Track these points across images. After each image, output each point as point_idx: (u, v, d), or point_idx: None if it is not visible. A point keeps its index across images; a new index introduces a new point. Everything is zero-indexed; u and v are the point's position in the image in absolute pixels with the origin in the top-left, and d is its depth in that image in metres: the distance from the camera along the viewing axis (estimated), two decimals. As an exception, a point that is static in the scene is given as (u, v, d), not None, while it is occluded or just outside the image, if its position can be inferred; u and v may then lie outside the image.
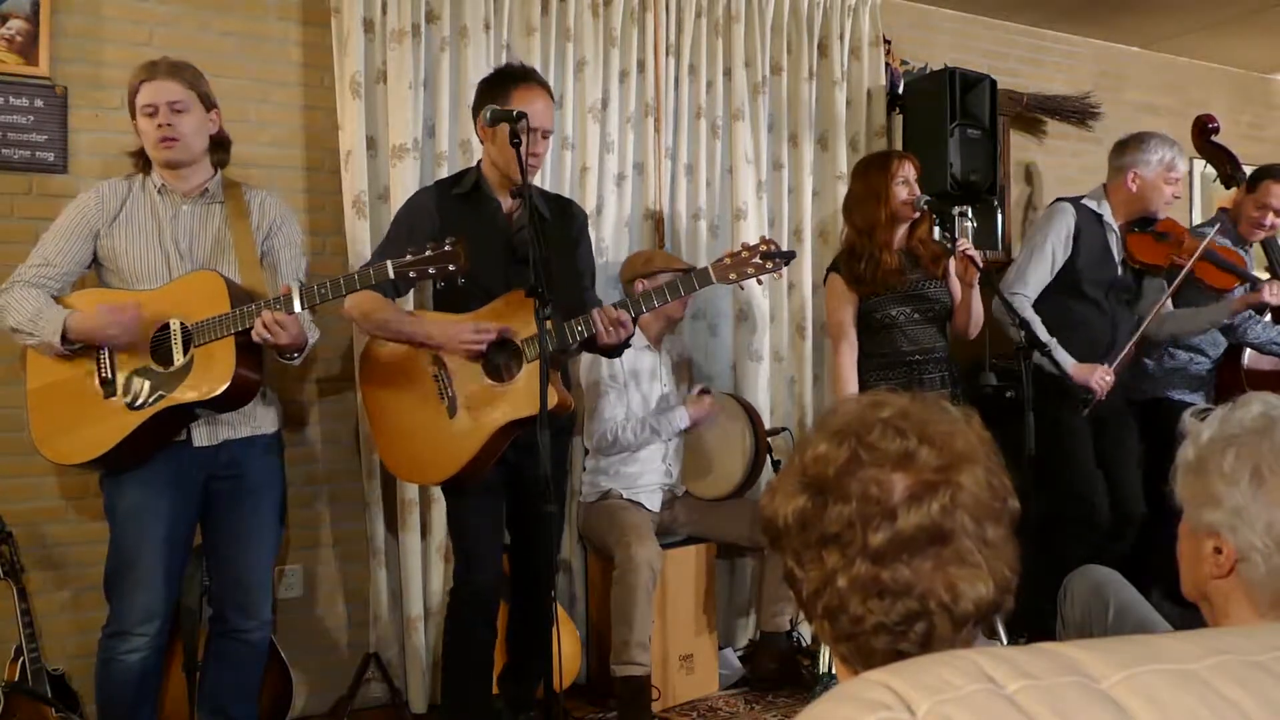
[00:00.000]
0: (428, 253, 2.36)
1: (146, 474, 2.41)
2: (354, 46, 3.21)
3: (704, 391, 3.47)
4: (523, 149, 2.43)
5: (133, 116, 2.48)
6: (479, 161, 2.82)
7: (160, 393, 2.37)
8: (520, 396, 2.56)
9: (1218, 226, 3.62)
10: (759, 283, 2.67)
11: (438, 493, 3.26)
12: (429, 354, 2.64)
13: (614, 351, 2.74)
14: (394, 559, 3.31)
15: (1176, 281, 3.41)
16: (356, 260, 3.19)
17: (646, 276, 3.35)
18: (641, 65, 3.72)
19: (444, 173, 3.27)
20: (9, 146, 2.92)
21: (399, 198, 3.20)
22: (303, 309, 2.36)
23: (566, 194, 3.41)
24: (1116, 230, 3.53)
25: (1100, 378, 3.31)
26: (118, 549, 2.44)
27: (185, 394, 2.37)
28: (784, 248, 3.91)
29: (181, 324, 2.39)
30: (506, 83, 2.68)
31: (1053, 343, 3.32)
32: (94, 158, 3.01)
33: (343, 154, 3.25)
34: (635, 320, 2.66)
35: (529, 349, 2.56)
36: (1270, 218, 3.66)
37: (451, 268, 2.36)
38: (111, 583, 2.46)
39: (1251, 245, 3.78)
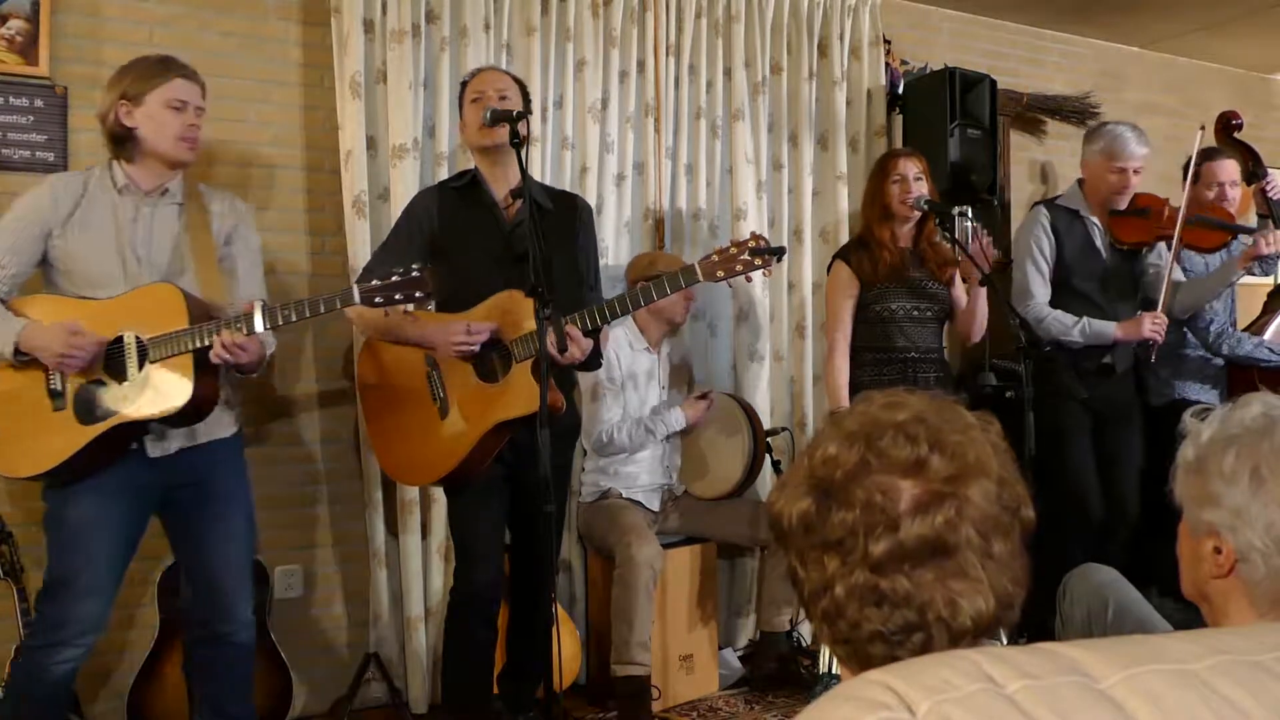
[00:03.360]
0: (395, 279, 2.33)
1: (96, 483, 2.32)
2: (354, 46, 3.21)
3: (703, 396, 3.46)
4: (523, 152, 2.45)
5: (132, 102, 2.37)
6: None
7: (113, 408, 2.29)
8: (511, 396, 2.55)
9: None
10: (748, 280, 2.61)
11: (438, 493, 3.26)
12: (424, 354, 2.65)
13: (585, 366, 2.70)
14: (394, 559, 3.30)
15: (1173, 250, 3.37)
16: (356, 260, 3.19)
17: (650, 279, 3.33)
18: (641, 65, 3.72)
19: (444, 173, 3.29)
20: (9, 146, 2.92)
21: (399, 198, 3.20)
22: (265, 329, 2.30)
23: (566, 194, 3.43)
24: (1096, 222, 3.51)
25: (1151, 325, 3.31)
26: (64, 558, 2.32)
27: (140, 410, 2.29)
28: (786, 248, 3.94)
29: (137, 338, 2.30)
30: (464, 85, 2.81)
31: (1084, 320, 3.38)
32: (94, 158, 2.99)
33: (343, 154, 3.25)
34: (596, 331, 2.59)
35: (518, 349, 2.55)
36: (1227, 191, 3.63)
37: (419, 294, 2.35)
38: (54, 592, 2.33)
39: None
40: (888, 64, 4.19)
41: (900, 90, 4.21)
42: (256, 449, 3.19)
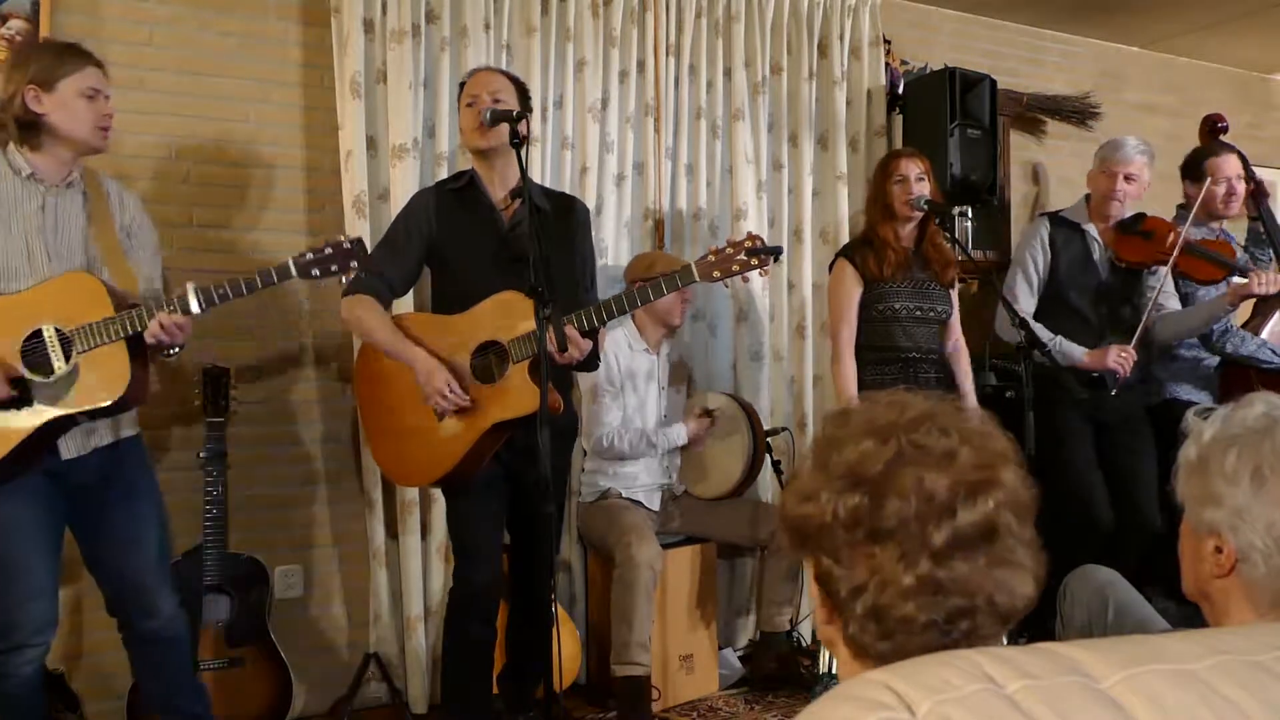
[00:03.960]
0: (328, 250, 2.37)
1: (12, 487, 2.25)
2: (354, 46, 3.21)
3: (707, 413, 3.46)
4: (523, 152, 2.45)
5: (42, 88, 2.27)
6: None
7: (45, 403, 2.22)
8: (508, 397, 2.55)
9: (1188, 219, 3.52)
10: (744, 280, 2.58)
11: (438, 492, 3.26)
12: None
13: (583, 366, 2.69)
14: (394, 559, 3.30)
15: (1164, 276, 3.38)
16: (356, 260, 3.21)
17: (648, 280, 3.33)
18: (641, 65, 3.72)
19: (444, 173, 3.29)
20: (9, 146, 2.92)
21: (399, 198, 3.20)
22: (200, 311, 2.26)
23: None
24: (1098, 238, 3.51)
25: (1116, 357, 3.29)
26: (2, 561, 2.26)
27: (78, 402, 2.23)
28: (784, 248, 3.95)
29: (57, 330, 2.22)
30: (461, 86, 2.81)
31: (1058, 339, 3.36)
32: (93, 157, 3.00)
33: (343, 154, 3.25)
34: (593, 332, 2.58)
35: (515, 350, 2.55)
36: (1235, 185, 3.61)
37: (352, 263, 2.38)
38: None
39: (1222, 225, 3.72)
40: (888, 64, 4.19)
41: (900, 90, 4.21)
42: (257, 449, 3.20)
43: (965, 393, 3.38)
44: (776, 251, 2.57)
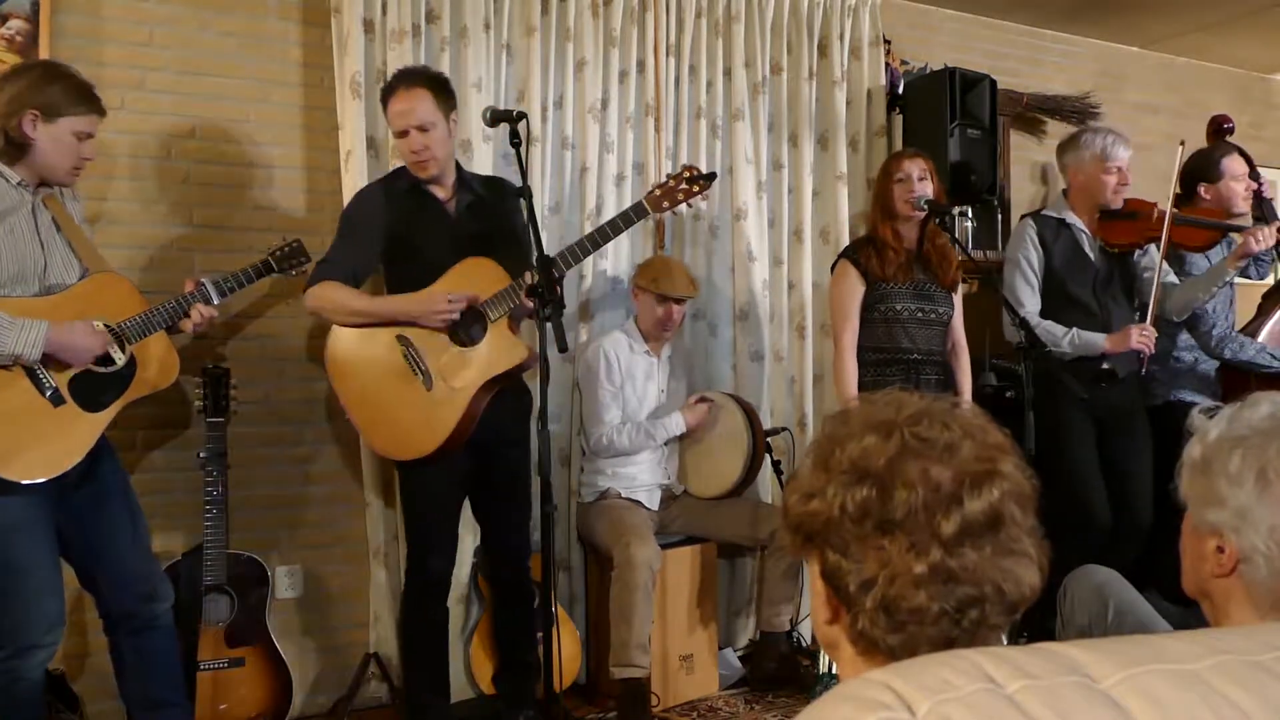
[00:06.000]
0: (288, 248, 2.80)
1: (20, 485, 2.29)
2: (354, 46, 3.21)
3: (702, 399, 3.47)
4: (522, 149, 2.54)
5: (44, 115, 2.36)
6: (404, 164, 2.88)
7: (115, 391, 2.43)
8: (491, 355, 2.71)
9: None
10: (689, 206, 3.02)
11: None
12: (393, 336, 2.74)
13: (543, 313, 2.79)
14: (394, 559, 3.30)
15: (1162, 249, 3.37)
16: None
17: (659, 294, 3.37)
18: (641, 65, 3.72)
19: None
20: (9, 146, 2.92)
21: (399, 198, 3.21)
22: (218, 301, 2.60)
23: (566, 194, 3.51)
24: (1085, 229, 3.51)
25: (1139, 336, 3.28)
26: (9, 562, 2.30)
27: (141, 388, 2.48)
28: (784, 248, 3.96)
29: (106, 325, 2.41)
30: (385, 98, 2.82)
31: (1073, 331, 3.36)
32: (95, 158, 3.00)
33: (343, 154, 3.25)
34: (559, 277, 2.69)
35: (491, 310, 2.71)
36: (1251, 183, 3.66)
37: (305, 259, 2.82)
38: (6, 602, 2.30)
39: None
40: (888, 64, 4.19)
41: (900, 90, 4.21)
42: (257, 450, 3.20)
43: (962, 392, 3.38)
44: (711, 177, 3.02)
